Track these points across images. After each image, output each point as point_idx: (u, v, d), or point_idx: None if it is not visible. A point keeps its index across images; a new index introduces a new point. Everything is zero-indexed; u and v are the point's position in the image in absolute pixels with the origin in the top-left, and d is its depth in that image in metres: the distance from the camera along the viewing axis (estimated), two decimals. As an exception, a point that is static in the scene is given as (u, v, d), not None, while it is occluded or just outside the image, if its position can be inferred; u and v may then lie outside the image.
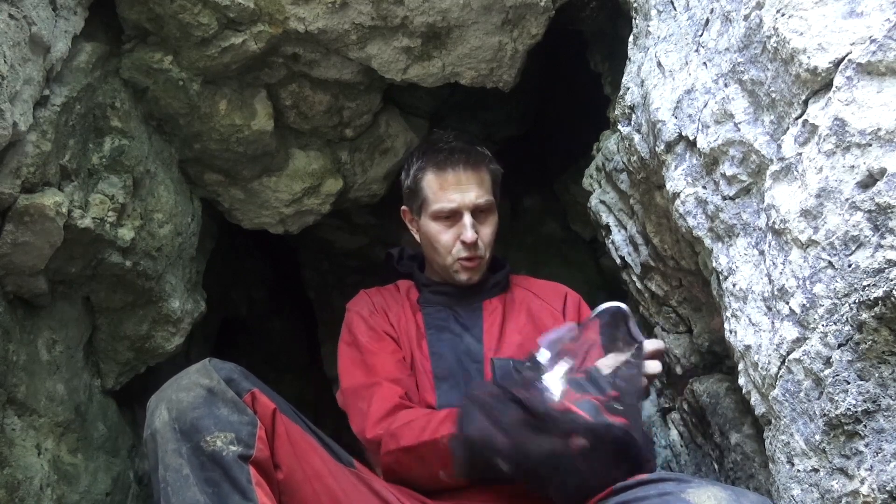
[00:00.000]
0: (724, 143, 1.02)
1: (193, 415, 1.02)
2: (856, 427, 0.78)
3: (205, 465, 1.00)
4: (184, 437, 1.01)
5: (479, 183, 1.43)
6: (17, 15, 1.16)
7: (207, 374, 1.09)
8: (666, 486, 0.96)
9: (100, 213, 1.45)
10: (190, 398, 1.05)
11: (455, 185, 1.41)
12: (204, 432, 1.01)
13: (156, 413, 1.06)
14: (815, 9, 0.82)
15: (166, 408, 1.05)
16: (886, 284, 0.72)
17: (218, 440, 1.01)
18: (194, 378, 1.08)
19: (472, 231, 1.40)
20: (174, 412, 1.04)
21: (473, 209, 1.41)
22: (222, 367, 1.12)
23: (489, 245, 1.45)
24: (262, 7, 1.59)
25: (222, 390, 1.07)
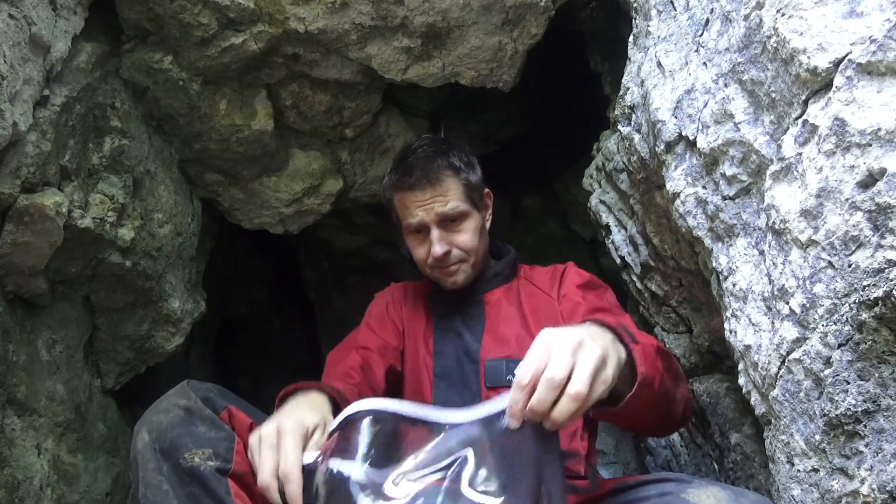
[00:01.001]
0: (724, 143, 1.02)
1: (172, 434, 1.04)
2: (856, 427, 0.78)
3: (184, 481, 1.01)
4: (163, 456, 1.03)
5: (444, 193, 1.43)
6: (17, 15, 1.16)
7: (185, 395, 1.11)
8: (666, 486, 0.96)
9: (100, 213, 1.45)
10: (169, 419, 1.07)
11: (418, 202, 1.43)
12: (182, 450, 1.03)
13: (137, 437, 1.08)
14: (815, 9, 0.82)
15: (146, 430, 1.07)
16: (886, 284, 0.72)
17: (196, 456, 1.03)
18: (173, 400, 1.10)
19: (441, 245, 1.41)
20: (154, 433, 1.06)
21: (440, 221, 1.43)
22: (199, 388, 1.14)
23: (472, 248, 1.45)
24: (262, 7, 1.59)
25: (199, 409, 1.09)
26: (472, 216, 1.47)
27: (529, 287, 1.53)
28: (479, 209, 1.50)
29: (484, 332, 1.44)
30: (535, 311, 1.47)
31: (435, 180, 1.43)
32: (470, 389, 1.38)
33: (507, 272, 1.54)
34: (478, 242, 1.46)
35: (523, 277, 1.56)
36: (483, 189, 1.53)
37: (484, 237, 1.51)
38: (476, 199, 1.49)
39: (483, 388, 1.36)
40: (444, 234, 1.43)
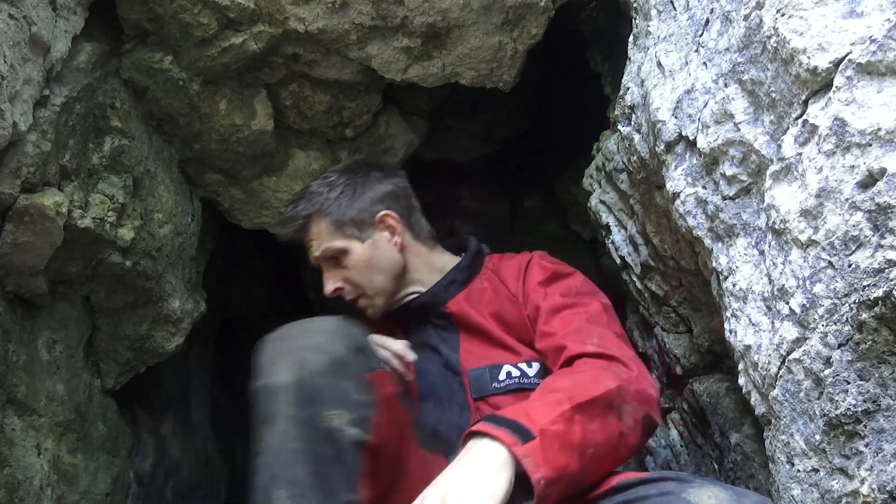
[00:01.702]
0: (724, 143, 1.02)
1: (318, 382, 0.96)
2: (856, 427, 0.78)
3: (318, 440, 0.94)
4: (303, 404, 0.95)
5: (316, 237, 1.47)
6: (17, 15, 1.16)
7: (339, 339, 1.02)
8: (667, 485, 0.96)
9: (100, 213, 1.45)
10: (319, 363, 0.98)
11: (306, 248, 1.50)
12: (325, 405, 0.95)
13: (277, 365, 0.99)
14: (815, 9, 0.82)
15: (291, 365, 0.98)
16: (886, 284, 0.72)
17: (336, 418, 0.95)
18: (324, 340, 1.01)
19: (329, 284, 1.46)
20: (298, 372, 0.97)
21: (323, 262, 1.47)
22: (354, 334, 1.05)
23: (360, 283, 1.44)
24: (262, 7, 1.58)
25: (350, 363, 1.00)
26: (353, 250, 1.44)
27: (495, 283, 1.46)
28: (365, 237, 1.45)
29: (460, 342, 1.40)
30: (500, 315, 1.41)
31: (301, 229, 1.47)
32: (457, 403, 1.34)
33: (465, 275, 1.48)
34: (367, 275, 1.44)
35: (490, 270, 1.50)
36: (375, 213, 1.47)
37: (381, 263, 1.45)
38: (356, 230, 1.45)
39: (470, 401, 1.33)
40: (333, 271, 1.46)
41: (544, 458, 0.92)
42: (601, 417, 1.02)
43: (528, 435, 0.93)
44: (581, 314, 1.31)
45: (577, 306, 1.34)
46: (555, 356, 1.26)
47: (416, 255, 1.52)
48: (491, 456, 0.91)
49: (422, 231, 1.56)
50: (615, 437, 1.04)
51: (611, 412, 1.04)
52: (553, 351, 1.27)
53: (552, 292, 1.38)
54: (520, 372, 1.34)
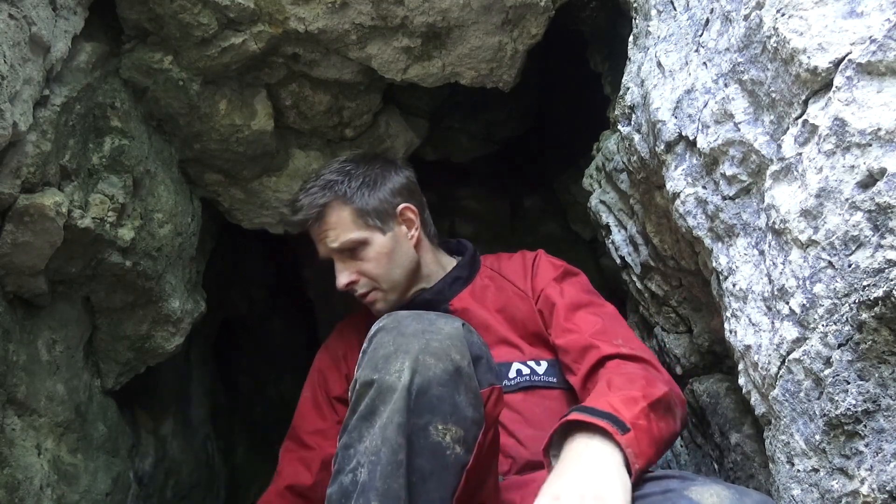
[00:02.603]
0: (724, 143, 1.02)
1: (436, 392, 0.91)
2: (856, 427, 0.78)
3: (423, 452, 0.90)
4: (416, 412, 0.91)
5: (333, 227, 1.41)
6: (17, 15, 1.16)
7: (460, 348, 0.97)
8: (669, 483, 0.96)
9: (100, 213, 1.45)
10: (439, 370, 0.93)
11: (315, 237, 1.43)
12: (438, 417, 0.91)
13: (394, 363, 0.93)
14: (815, 9, 0.82)
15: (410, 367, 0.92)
16: (886, 284, 0.72)
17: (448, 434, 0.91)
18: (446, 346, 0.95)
19: (343, 276, 1.40)
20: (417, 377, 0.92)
21: (338, 253, 1.40)
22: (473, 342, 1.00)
23: (378, 275, 1.40)
24: (262, 7, 1.59)
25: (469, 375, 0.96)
26: (374, 241, 1.40)
27: (498, 280, 1.45)
28: (388, 230, 1.42)
29: None
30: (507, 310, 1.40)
31: (318, 216, 1.40)
32: None
33: (468, 273, 1.47)
34: (385, 267, 1.40)
35: (489, 269, 1.49)
36: (396, 205, 1.45)
37: (400, 257, 1.42)
38: (376, 223, 1.41)
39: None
40: (347, 263, 1.40)
41: (639, 449, 0.94)
42: (665, 417, 1.06)
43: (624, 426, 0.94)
44: (600, 314, 1.32)
45: (593, 305, 1.35)
46: (580, 354, 1.25)
47: (427, 251, 1.51)
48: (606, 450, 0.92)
49: (430, 228, 1.56)
50: (674, 435, 1.08)
51: (669, 413, 1.08)
52: (579, 349, 1.26)
53: (568, 289, 1.38)
54: (529, 370, 1.34)
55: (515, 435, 1.29)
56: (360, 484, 0.89)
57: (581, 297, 1.36)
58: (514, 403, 1.30)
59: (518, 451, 1.28)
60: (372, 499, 0.88)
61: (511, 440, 1.28)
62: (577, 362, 1.26)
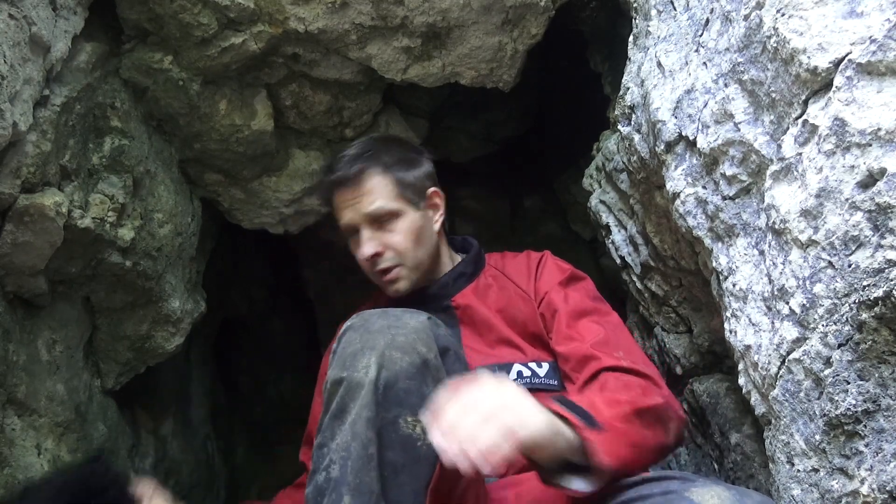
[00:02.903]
0: (724, 143, 1.02)
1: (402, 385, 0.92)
2: (856, 427, 0.78)
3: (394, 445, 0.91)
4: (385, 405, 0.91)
5: (369, 192, 1.36)
6: (17, 15, 1.16)
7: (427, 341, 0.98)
8: (670, 484, 0.96)
9: (100, 213, 1.45)
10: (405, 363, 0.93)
11: (345, 202, 1.37)
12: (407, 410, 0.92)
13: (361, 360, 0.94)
14: (815, 9, 0.82)
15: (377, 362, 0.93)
16: (886, 284, 0.72)
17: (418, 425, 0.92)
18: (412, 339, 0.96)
19: (369, 245, 1.34)
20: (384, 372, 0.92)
21: (368, 221, 1.35)
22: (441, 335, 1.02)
23: (405, 249, 1.36)
24: (262, 7, 1.59)
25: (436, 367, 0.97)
26: (406, 215, 1.37)
27: (501, 280, 1.43)
28: (419, 208, 1.40)
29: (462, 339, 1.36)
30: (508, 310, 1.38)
31: (357, 179, 1.36)
32: None
33: (472, 269, 1.45)
34: (413, 244, 1.37)
35: (493, 268, 1.47)
36: (427, 187, 1.44)
37: (426, 238, 1.41)
38: (412, 198, 1.39)
39: None
40: (375, 233, 1.35)
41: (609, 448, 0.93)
42: (653, 426, 1.05)
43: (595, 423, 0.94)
44: (604, 323, 1.30)
45: (597, 313, 1.33)
46: (579, 364, 1.24)
47: (442, 242, 1.50)
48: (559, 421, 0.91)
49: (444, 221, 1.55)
50: (660, 447, 1.07)
51: (660, 424, 1.07)
52: (580, 358, 1.24)
53: (572, 294, 1.36)
54: (531, 372, 1.32)
55: None
56: (333, 480, 0.89)
57: (585, 304, 1.34)
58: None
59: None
60: (344, 493, 0.88)
61: None
62: (577, 371, 1.25)
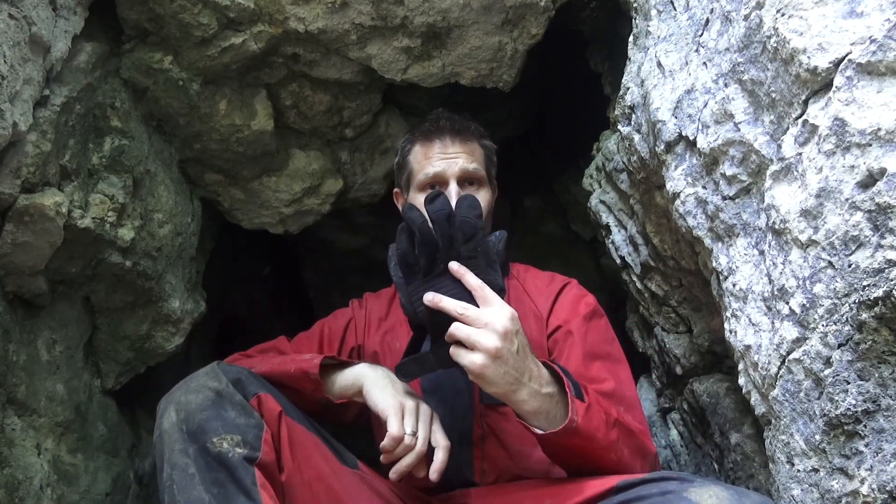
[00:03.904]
0: (724, 143, 1.02)
1: (201, 416, 1.03)
2: (856, 427, 0.78)
3: (211, 465, 1.00)
4: (191, 437, 1.02)
5: (469, 152, 1.37)
6: (17, 15, 1.16)
7: (216, 377, 1.09)
8: (668, 484, 0.96)
9: (100, 213, 1.45)
10: (199, 400, 1.05)
11: (441, 153, 1.36)
12: (211, 434, 1.02)
13: (164, 415, 1.06)
14: (815, 9, 0.82)
15: (175, 409, 1.05)
16: (886, 284, 0.72)
17: (224, 442, 1.02)
18: (203, 380, 1.09)
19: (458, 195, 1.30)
20: (182, 413, 1.04)
21: (461, 178, 1.35)
22: (230, 370, 1.12)
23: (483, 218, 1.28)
24: (262, 7, 1.59)
25: (230, 393, 1.07)
26: (487, 188, 1.41)
27: (519, 291, 1.42)
28: (492, 188, 1.44)
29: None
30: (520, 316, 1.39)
31: (464, 136, 1.38)
32: (462, 405, 1.30)
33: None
34: (487, 216, 1.37)
35: (515, 278, 1.46)
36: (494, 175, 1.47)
37: (490, 218, 1.41)
38: (492, 174, 1.44)
39: (477, 405, 1.29)
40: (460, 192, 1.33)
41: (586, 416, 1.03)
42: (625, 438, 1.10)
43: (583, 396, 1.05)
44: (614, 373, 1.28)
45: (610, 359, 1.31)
46: None
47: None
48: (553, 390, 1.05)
49: None
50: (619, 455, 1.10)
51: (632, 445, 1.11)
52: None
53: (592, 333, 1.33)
54: None
55: (507, 448, 1.28)
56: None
57: (602, 348, 1.32)
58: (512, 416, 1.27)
59: (507, 463, 1.27)
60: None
61: (502, 452, 1.28)
62: None
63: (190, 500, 0.97)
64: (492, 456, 1.28)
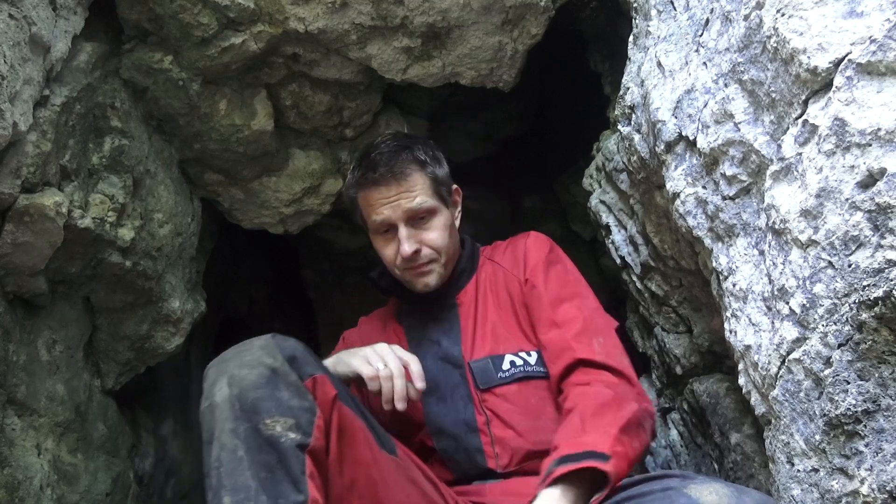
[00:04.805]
0: (724, 143, 1.02)
1: (255, 395, 1.00)
2: (856, 427, 0.78)
3: (262, 447, 0.98)
4: (243, 416, 0.99)
5: (410, 188, 1.36)
6: (17, 15, 1.16)
7: (271, 353, 1.06)
8: (669, 481, 0.97)
9: (100, 213, 1.45)
10: (253, 377, 1.02)
11: (383, 199, 1.36)
12: (264, 415, 0.99)
13: (216, 386, 1.03)
14: (815, 9, 0.82)
15: (227, 383, 1.02)
16: (886, 284, 0.72)
17: (277, 425, 0.99)
18: (258, 355, 1.05)
19: (410, 243, 1.35)
20: (235, 389, 1.01)
21: (407, 218, 1.36)
22: (286, 346, 1.09)
23: (442, 247, 1.38)
24: (262, 7, 1.59)
25: (285, 372, 1.04)
26: (441, 213, 1.40)
27: (492, 267, 1.47)
28: (448, 205, 1.43)
29: (461, 332, 1.39)
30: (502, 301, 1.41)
31: (400, 175, 1.35)
32: (461, 397, 1.33)
33: (471, 265, 1.48)
34: (447, 241, 1.39)
35: (488, 259, 1.50)
36: (451, 185, 1.46)
37: (454, 235, 1.44)
38: (444, 195, 1.42)
39: (474, 393, 1.32)
40: (412, 231, 1.36)
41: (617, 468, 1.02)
42: (637, 434, 1.12)
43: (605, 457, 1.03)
44: (582, 308, 1.33)
45: (577, 297, 1.36)
46: (557, 354, 1.28)
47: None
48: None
49: None
50: (645, 449, 1.14)
51: (641, 429, 1.14)
52: (558, 349, 1.29)
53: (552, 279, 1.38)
54: (522, 360, 1.35)
55: (514, 426, 1.30)
56: (213, 490, 0.97)
57: (565, 290, 1.37)
58: (510, 395, 1.32)
59: (518, 441, 1.29)
60: (223, 495, 0.95)
61: (510, 432, 1.29)
62: (553, 363, 1.29)
63: (236, 486, 0.95)
64: (500, 438, 1.29)
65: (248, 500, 0.95)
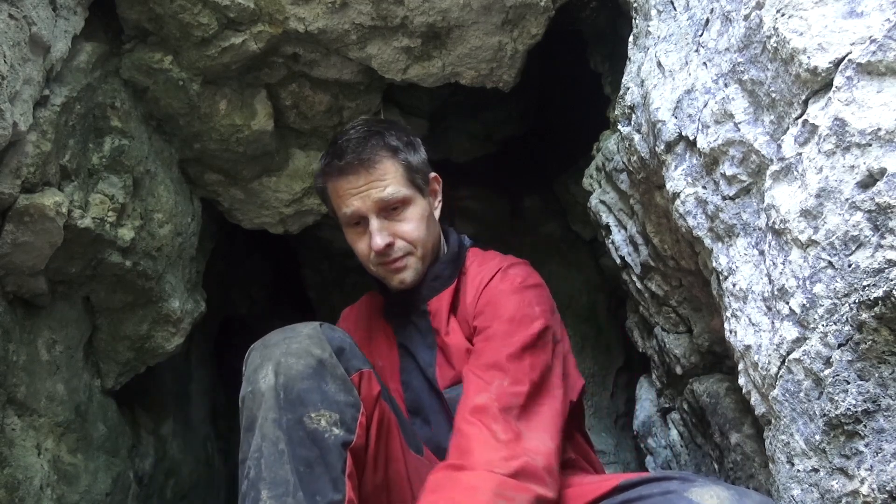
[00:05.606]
0: (724, 143, 1.02)
1: (302, 386, 0.98)
2: (856, 427, 0.78)
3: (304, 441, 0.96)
4: (288, 407, 0.97)
5: (381, 177, 1.26)
6: (17, 15, 1.16)
7: (319, 343, 1.03)
8: (670, 484, 0.96)
9: (100, 213, 1.45)
10: (300, 367, 0.99)
11: (352, 189, 1.26)
12: (309, 407, 0.97)
13: (260, 372, 1.01)
14: (815, 9, 0.82)
15: (273, 371, 1.00)
16: (886, 284, 0.72)
17: (322, 419, 0.97)
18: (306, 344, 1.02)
19: (381, 236, 1.24)
20: (282, 378, 0.99)
21: (379, 209, 1.26)
22: (334, 336, 1.06)
23: (416, 239, 1.27)
24: (262, 7, 1.59)
25: (333, 365, 1.02)
26: (416, 202, 1.29)
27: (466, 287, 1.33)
28: (425, 194, 1.32)
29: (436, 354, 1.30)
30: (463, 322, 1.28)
31: (369, 163, 1.25)
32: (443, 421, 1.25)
33: (449, 272, 1.34)
34: (424, 232, 1.29)
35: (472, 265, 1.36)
36: (429, 172, 1.35)
37: (432, 226, 1.33)
38: (420, 183, 1.31)
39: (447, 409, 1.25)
40: (384, 223, 1.26)
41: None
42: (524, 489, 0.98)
43: None
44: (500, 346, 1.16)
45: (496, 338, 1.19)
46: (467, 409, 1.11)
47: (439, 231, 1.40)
48: None
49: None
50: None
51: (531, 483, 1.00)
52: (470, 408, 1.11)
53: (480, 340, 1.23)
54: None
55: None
56: (251, 481, 0.96)
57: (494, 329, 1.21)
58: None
59: None
60: (262, 488, 0.94)
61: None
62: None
63: (276, 479, 0.94)
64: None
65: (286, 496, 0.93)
